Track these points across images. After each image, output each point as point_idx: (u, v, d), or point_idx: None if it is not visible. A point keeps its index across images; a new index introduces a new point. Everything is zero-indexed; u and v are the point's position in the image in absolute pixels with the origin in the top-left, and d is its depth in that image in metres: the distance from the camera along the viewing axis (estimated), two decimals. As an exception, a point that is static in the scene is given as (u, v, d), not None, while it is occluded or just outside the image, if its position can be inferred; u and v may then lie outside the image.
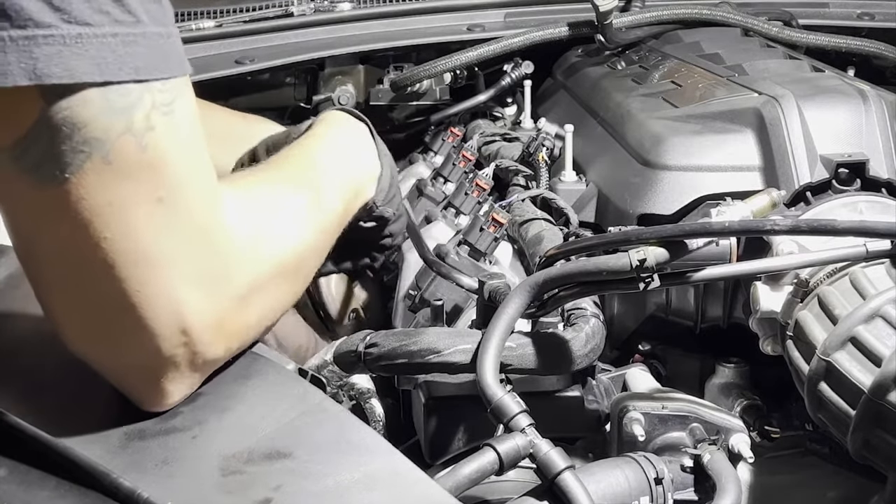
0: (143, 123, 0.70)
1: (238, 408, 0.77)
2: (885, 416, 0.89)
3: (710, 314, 1.25)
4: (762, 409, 1.20)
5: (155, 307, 0.73)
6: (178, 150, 0.73)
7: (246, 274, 0.81)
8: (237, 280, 0.80)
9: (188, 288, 0.75)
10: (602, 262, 0.94)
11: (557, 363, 1.00)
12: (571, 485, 0.80)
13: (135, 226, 0.71)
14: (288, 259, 0.89)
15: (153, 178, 0.71)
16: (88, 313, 0.74)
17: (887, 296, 0.95)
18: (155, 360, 0.75)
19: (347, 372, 1.06)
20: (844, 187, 1.18)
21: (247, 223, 0.83)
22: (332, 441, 0.75)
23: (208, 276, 0.76)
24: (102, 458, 0.70)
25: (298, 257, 0.91)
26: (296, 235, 0.91)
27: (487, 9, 1.98)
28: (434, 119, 1.89)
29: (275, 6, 1.95)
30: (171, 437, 0.74)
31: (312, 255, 0.96)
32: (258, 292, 0.83)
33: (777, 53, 1.59)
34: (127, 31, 0.68)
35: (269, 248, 0.86)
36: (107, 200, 0.70)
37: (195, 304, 0.75)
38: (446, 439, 1.05)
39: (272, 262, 0.86)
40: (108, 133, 0.68)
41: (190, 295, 0.75)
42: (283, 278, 0.88)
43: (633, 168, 1.33)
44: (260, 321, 0.86)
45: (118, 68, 0.67)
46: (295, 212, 0.93)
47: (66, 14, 0.65)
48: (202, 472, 0.71)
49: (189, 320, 0.75)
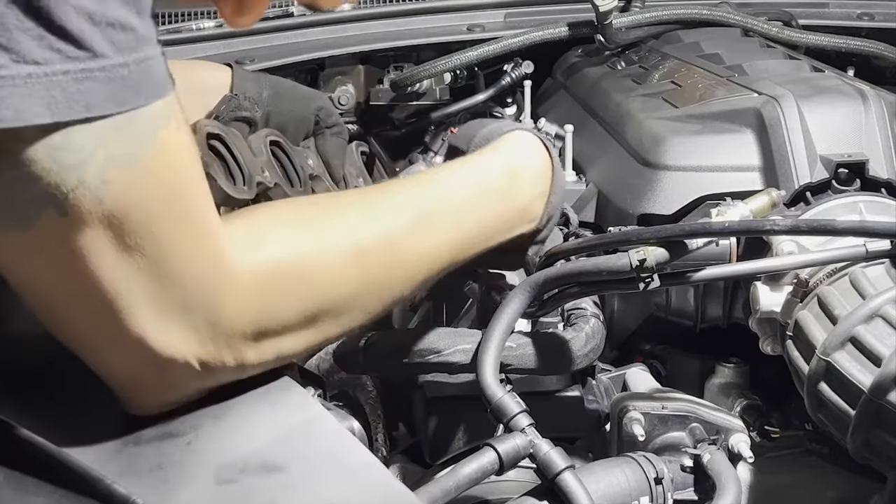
0: (97, 179, 0.66)
1: (234, 414, 0.77)
2: (885, 415, 0.89)
3: (710, 314, 1.25)
4: (762, 409, 1.20)
5: (127, 350, 0.72)
6: (144, 197, 0.68)
7: (254, 316, 0.75)
8: (239, 323, 0.74)
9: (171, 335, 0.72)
10: (602, 262, 0.94)
11: (557, 363, 1.00)
12: (571, 485, 0.80)
13: (100, 274, 0.68)
14: (328, 302, 0.80)
15: (115, 229, 0.68)
16: (70, 338, 0.74)
17: (887, 296, 0.95)
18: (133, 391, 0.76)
19: (348, 372, 1.06)
20: (844, 187, 1.18)
21: (264, 259, 0.76)
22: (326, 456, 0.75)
23: (197, 321, 0.72)
24: (97, 463, 0.69)
25: (347, 299, 0.82)
26: (348, 276, 0.81)
27: (487, 9, 1.98)
28: (434, 118, 1.89)
29: (275, 6, 1.95)
30: (166, 442, 0.73)
31: (374, 297, 0.85)
32: (276, 334, 0.77)
33: (777, 53, 1.59)
34: (79, 67, 0.64)
35: (298, 288, 0.78)
36: (68, 250, 0.67)
37: (178, 348, 0.72)
38: (446, 439, 1.05)
39: (301, 305, 0.78)
40: (60, 188, 0.65)
41: (172, 342, 0.72)
42: (324, 319, 0.81)
43: (633, 168, 1.33)
44: (282, 356, 0.80)
45: (68, 107, 0.64)
46: (356, 243, 0.83)
47: (16, 54, 0.62)
48: (197, 479, 0.70)
49: (172, 364, 0.73)
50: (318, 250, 0.80)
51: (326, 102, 1.30)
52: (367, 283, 0.84)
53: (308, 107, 1.26)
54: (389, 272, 0.86)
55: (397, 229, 0.86)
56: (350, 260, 0.82)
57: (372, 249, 0.83)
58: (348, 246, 0.82)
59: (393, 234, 0.86)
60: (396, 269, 0.86)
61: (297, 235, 0.80)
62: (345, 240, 0.82)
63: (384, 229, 0.85)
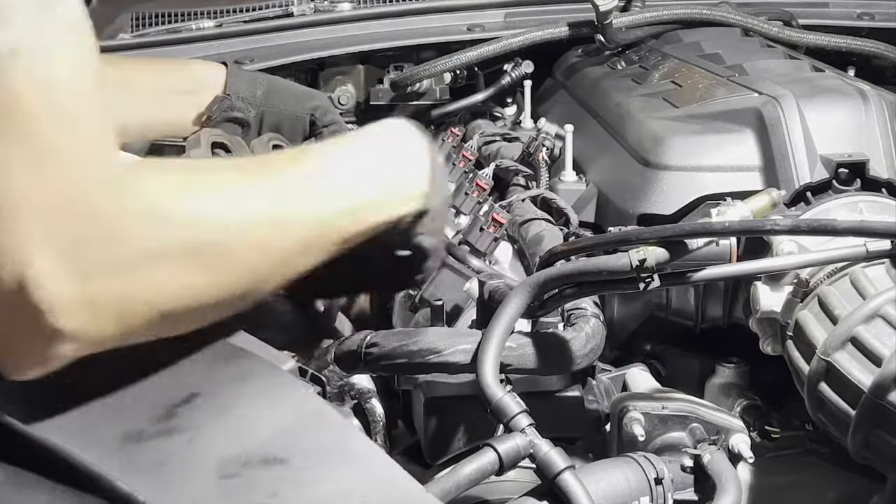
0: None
1: (235, 410, 0.77)
2: (885, 415, 0.89)
3: (710, 314, 1.25)
4: (762, 409, 1.20)
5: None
6: (48, 94, 0.65)
7: (137, 244, 0.70)
8: (118, 249, 0.69)
9: (41, 250, 0.66)
10: (602, 262, 0.94)
11: (557, 363, 1.00)
12: (571, 485, 0.80)
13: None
14: (212, 241, 0.75)
15: (14, 119, 0.64)
16: None
17: (887, 296, 0.95)
18: (3, 326, 0.68)
19: (347, 372, 1.06)
20: (844, 187, 1.18)
21: (160, 191, 0.72)
22: (329, 448, 0.74)
23: (73, 239, 0.67)
24: (99, 460, 0.69)
25: (228, 242, 0.76)
26: (231, 218, 0.77)
27: (487, 9, 1.98)
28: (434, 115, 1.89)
29: (275, 6, 1.95)
30: (168, 438, 0.73)
31: (255, 250, 0.79)
32: (153, 267, 0.71)
33: (777, 53, 1.59)
34: None
35: (184, 223, 0.73)
36: None
37: (47, 269, 0.66)
38: (446, 439, 1.05)
39: (183, 238, 0.73)
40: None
41: (42, 257, 0.66)
42: (201, 259, 0.75)
43: (633, 168, 1.33)
44: (152, 303, 0.72)
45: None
46: (241, 194, 0.79)
47: None
48: (199, 474, 0.70)
49: (37, 286, 0.66)
50: (217, 211, 0.76)
51: (323, 101, 1.29)
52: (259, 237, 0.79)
53: (303, 106, 1.25)
54: (278, 249, 0.81)
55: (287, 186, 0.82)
56: (249, 229, 0.78)
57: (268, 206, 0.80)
58: (252, 217, 0.78)
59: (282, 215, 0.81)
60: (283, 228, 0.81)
61: (182, 174, 0.77)
62: (246, 212, 0.78)
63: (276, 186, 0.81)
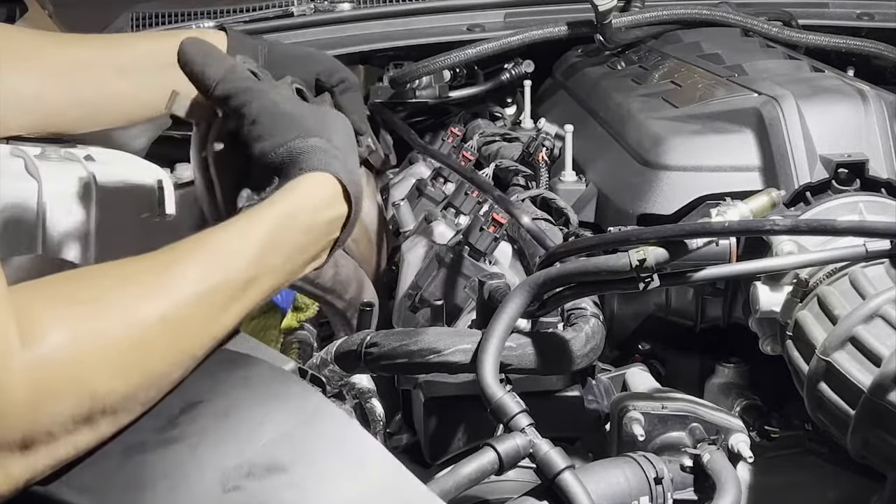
0: None
1: (237, 414, 0.76)
2: (885, 415, 0.89)
3: (710, 314, 1.25)
4: (762, 409, 1.20)
5: None
6: None
7: (27, 423, 0.64)
8: (9, 433, 0.64)
9: None
10: (602, 262, 0.94)
11: (557, 363, 1.00)
12: (571, 484, 0.80)
13: None
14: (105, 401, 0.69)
15: None
16: None
17: (887, 296, 0.95)
18: None
19: (348, 371, 1.06)
20: (844, 187, 1.18)
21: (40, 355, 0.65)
22: (332, 452, 0.74)
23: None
24: (104, 475, 0.69)
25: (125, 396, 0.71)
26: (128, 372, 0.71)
27: (487, 9, 1.99)
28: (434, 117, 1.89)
29: (275, 6, 1.95)
30: (171, 448, 0.73)
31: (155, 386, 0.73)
32: (49, 441, 0.66)
33: (777, 53, 1.59)
34: None
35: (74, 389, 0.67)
36: None
37: None
38: (446, 439, 1.05)
39: (76, 407, 0.67)
40: None
41: None
42: (94, 422, 0.69)
43: (633, 168, 1.33)
44: (55, 465, 0.68)
45: None
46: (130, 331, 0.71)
47: None
48: (203, 487, 0.70)
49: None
50: (97, 342, 0.69)
51: (326, 62, 1.23)
52: (148, 376, 0.73)
53: (305, 71, 1.21)
54: (171, 359, 0.75)
55: (181, 311, 0.75)
56: (131, 352, 0.71)
57: (154, 338, 0.73)
58: (130, 335, 0.71)
59: (175, 317, 0.75)
60: (179, 355, 0.76)
61: (76, 322, 0.69)
62: (129, 329, 0.71)
63: (165, 312, 0.74)
